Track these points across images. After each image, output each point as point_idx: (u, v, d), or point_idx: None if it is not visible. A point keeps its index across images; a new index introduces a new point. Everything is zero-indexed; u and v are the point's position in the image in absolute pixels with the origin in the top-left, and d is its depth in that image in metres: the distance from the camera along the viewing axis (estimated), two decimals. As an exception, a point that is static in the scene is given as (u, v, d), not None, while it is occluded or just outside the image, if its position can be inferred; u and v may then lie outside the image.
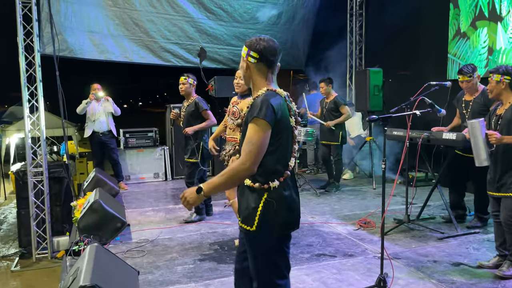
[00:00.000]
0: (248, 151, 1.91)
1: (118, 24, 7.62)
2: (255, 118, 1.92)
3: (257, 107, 1.93)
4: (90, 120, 6.72)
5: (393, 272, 3.29)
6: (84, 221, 4.09)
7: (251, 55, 2.03)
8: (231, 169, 1.94)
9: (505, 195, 3.22)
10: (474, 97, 4.35)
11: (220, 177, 1.95)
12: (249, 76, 2.10)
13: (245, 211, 2.02)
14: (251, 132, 1.93)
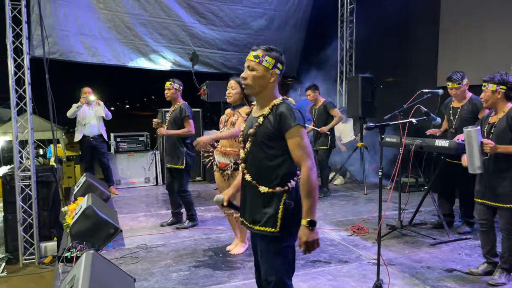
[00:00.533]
0: (307, 155, 2.04)
1: (109, 27, 7.57)
2: (297, 125, 2.02)
3: (291, 116, 2.03)
4: (80, 124, 6.63)
5: (389, 279, 3.31)
6: (77, 227, 4.04)
7: (278, 67, 2.12)
8: (310, 183, 2.01)
9: (503, 206, 3.24)
10: (462, 104, 4.43)
11: (309, 197, 2.02)
12: (265, 85, 2.12)
13: (264, 215, 2.11)
14: (298, 139, 2.03)
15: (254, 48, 2.12)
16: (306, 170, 2.02)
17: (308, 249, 2.04)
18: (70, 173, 7.54)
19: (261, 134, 2.10)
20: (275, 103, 2.10)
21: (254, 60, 2.09)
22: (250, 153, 2.17)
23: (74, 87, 7.13)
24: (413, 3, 7.09)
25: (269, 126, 2.07)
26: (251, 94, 2.19)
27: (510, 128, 3.16)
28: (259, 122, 2.11)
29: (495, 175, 3.24)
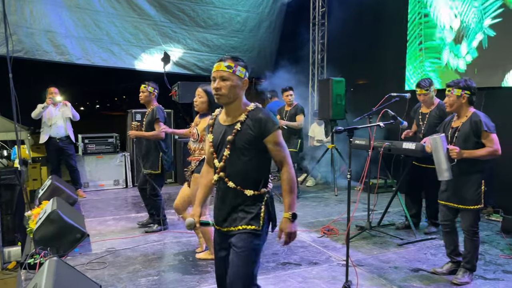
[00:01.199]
0: (287, 156, 2.23)
1: (79, 25, 7.39)
2: (277, 130, 2.17)
3: (269, 120, 2.16)
4: (46, 125, 6.41)
5: (358, 280, 3.37)
6: (41, 232, 3.90)
7: (247, 76, 2.24)
8: (291, 179, 2.22)
9: (465, 207, 3.34)
10: (430, 110, 4.55)
11: (291, 193, 2.23)
12: (238, 93, 2.20)
13: (248, 214, 2.20)
14: (279, 140, 2.19)
15: (223, 59, 2.18)
16: (288, 169, 2.21)
17: (289, 239, 2.23)
18: (36, 175, 7.28)
19: (241, 140, 2.16)
20: (249, 109, 2.20)
21: (227, 70, 2.15)
22: (229, 160, 2.20)
23: (41, 87, 6.90)
24: (383, 7, 7.24)
25: (249, 131, 2.15)
26: (225, 104, 2.21)
27: (474, 133, 3.26)
28: (236, 128, 2.17)
29: (459, 178, 3.34)
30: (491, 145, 3.21)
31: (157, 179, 4.74)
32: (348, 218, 3.20)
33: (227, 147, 2.19)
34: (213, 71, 2.19)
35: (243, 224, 2.20)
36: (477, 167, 3.29)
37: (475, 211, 3.31)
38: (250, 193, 2.19)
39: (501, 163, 5.12)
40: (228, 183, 2.21)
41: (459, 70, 5.87)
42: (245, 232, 2.19)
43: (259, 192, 2.22)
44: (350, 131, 3.14)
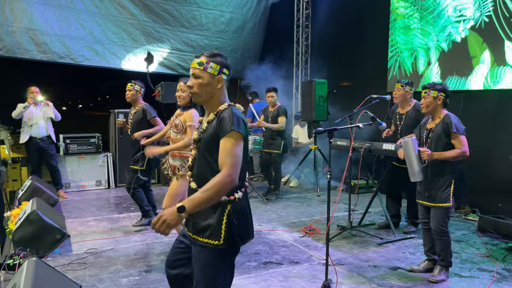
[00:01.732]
0: (231, 163, 1.91)
1: (62, 23, 7.31)
2: (233, 131, 1.94)
3: (230, 120, 1.96)
4: (27, 125, 6.31)
5: (337, 278, 3.42)
6: (20, 233, 3.86)
7: (224, 72, 2.07)
8: (216, 184, 1.88)
9: (434, 205, 3.46)
10: (407, 111, 4.67)
11: (204, 192, 1.88)
12: (211, 91, 2.06)
13: (208, 226, 2.00)
14: (229, 144, 1.94)
15: (198, 55, 2.07)
16: (220, 175, 1.90)
17: (156, 224, 1.85)
18: (16, 176, 7.17)
19: (204, 140, 2.05)
20: (220, 109, 2.05)
21: (198, 67, 2.03)
22: (196, 160, 2.10)
23: (21, 86, 6.79)
24: (366, 9, 7.35)
25: (211, 131, 2.02)
26: (199, 102, 2.12)
27: (445, 133, 3.39)
28: (203, 128, 2.07)
29: (431, 178, 3.47)
30: (460, 147, 3.34)
31: (137, 173, 4.73)
32: (328, 217, 3.25)
33: (194, 147, 2.12)
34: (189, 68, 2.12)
35: (204, 238, 2.00)
36: (448, 168, 3.41)
37: (444, 209, 3.42)
38: None
39: (477, 164, 5.28)
40: (191, 183, 2.11)
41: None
42: (206, 247, 2.01)
43: (219, 200, 1.96)
44: (330, 132, 3.20)
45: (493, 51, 5.20)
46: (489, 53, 5.25)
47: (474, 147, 3.61)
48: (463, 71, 5.62)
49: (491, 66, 5.24)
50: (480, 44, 5.36)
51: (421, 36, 6.27)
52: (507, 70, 5.06)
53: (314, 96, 6.78)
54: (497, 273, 3.66)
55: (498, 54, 5.14)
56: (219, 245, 1.98)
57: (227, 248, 2.00)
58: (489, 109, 5.40)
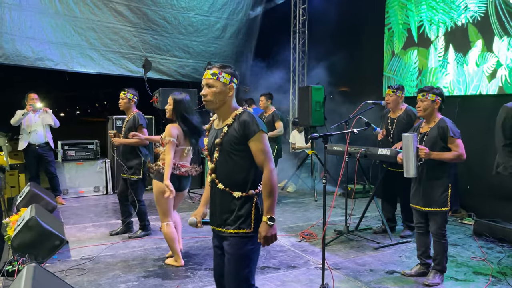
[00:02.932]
0: (269, 159, 2.24)
1: (58, 31, 7.37)
2: (260, 132, 2.22)
3: (253, 123, 2.23)
4: (25, 131, 6.34)
5: (333, 282, 3.46)
6: (19, 239, 3.88)
7: (234, 81, 2.32)
8: (270, 182, 2.21)
9: (433, 210, 3.48)
10: (398, 115, 4.72)
11: (270, 196, 2.22)
12: (223, 98, 2.28)
13: (239, 218, 2.26)
14: (261, 143, 2.23)
15: (209, 67, 2.30)
16: (268, 172, 2.22)
17: (267, 242, 2.23)
18: (14, 183, 7.19)
19: (228, 142, 2.25)
20: (237, 113, 2.28)
21: (212, 77, 2.26)
22: (219, 162, 2.30)
23: (19, 93, 6.83)
24: (363, 16, 7.43)
25: (234, 134, 2.23)
26: (213, 109, 2.32)
27: (440, 137, 3.42)
28: (224, 131, 2.27)
29: (427, 182, 3.49)
30: (457, 150, 3.37)
31: (138, 184, 4.76)
32: (324, 222, 3.29)
33: (216, 150, 2.29)
34: (202, 78, 2.32)
35: (234, 228, 2.26)
36: (444, 172, 3.44)
37: (442, 213, 3.45)
38: (238, 194, 2.25)
39: (473, 168, 5.34)
40: (218, 184, 2.30)
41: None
42: (237, 237, 2.26)
43: (247, 194, 2.26)
44: (325, 138, 3.24)
45: (484, 40, 5.40)
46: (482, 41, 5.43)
47: (469, 152, 3.65)
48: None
49: (481, 51, 5.43)
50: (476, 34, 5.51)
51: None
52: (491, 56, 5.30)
53: (311, 102, 6.84)
54: (492, 277, 3.69)
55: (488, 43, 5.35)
56: (250, 233, 2.26)
57: (255, 235, 2.27)
58: (484, 113, 5.46)
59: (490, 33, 5.32)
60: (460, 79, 5.72)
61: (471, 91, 5.58)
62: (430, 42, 6.15)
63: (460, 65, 5.72)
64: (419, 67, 6.36)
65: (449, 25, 5.85)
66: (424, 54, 6.26)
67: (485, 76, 5.39)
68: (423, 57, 6.27)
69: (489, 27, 5.32)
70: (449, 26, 5.86)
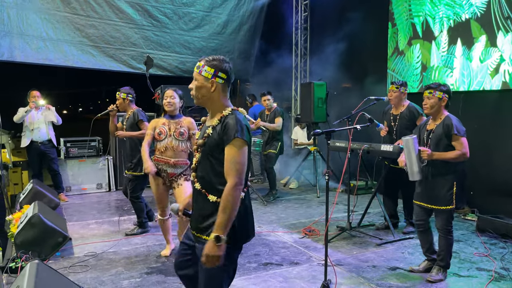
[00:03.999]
0: (235, 171, 2.00)
1: (58, 28, 7.36)
2: (236, 139, 2.00)
3: (233, 128, 2.01)
4: (28, 129, 6.35)
5: (336, 278, 3.45)
6: (22, 236, 3.89)
7: (219, 76, 2.11)
8: (228, 196, 1.97)
9: (438, 208, 3.47)
10: (401, 112, 4.69)
11: (223, 212, 1.97)
12: (206, 94, 2.12)
13: (210, 224, 2.06)
14: (233, 152, 2.01)
15: (200, 59, 2.16)
16: (229, 186, 1.99)
17: (207, 262, 1.99)
18: (17, 180, 7.21)
19: (209, 144, 2.11)
20: (224, 114, 2.10)
21: (196, 70, 2.13)
22: (200, 162, 2.17)
23: (21, 90, 6.84)
24: (366, 10, 7.37)
25: (215, 136, 2.07)
26: (197, 104, 2.19)
27: (446, 135, 3.39)
28: (208, 132, 2.12)
29: (432, 179, 3.47)
30: (460, 148, 3.34)
31: (139, 181, 4.76)
32: (327, 218, 3.28)
33: (198, 150, 2.18)
34: None
35: (207, 235, 2.06)
36: (449, 169, 3.41)
37: (448, 211, 3.44)
38: (213, 199, 2.08)
39: (476, 164, 5.31)
40: (195, 184, 2.18)
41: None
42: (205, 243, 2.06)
43: (220, 200, 2.04)
44: (328, 134, 3.23)
45: (488, 35, 5.38)
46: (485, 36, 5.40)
47: (473, 148, 3.62)
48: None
49: (485, 46, 5.40)
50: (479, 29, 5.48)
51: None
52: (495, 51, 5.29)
53: (313, 98, 6.82)
54: (495, 272, 3.68)
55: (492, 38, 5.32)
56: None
57: (230, 245, 2.04)
58: (488, 109, 5.44)
59: (493, 28, 5.28)
60: (465, 74, 5.68)
61: (474, 87, 5.55)
62: (434, 37, 6.11)
63: (464, 61, 5.69)
64: (423, 63, 6.32)
65: (453, 20, 5.81)
66: (428, 50, 6.22)
67: (489, 71, 5.35)
68: (427, 53, 6.23)
69: (493, 22, 5.28)
70: (453, 21, 5.82)
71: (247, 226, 2.17)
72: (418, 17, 6.37)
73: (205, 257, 1.98)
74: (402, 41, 6.69)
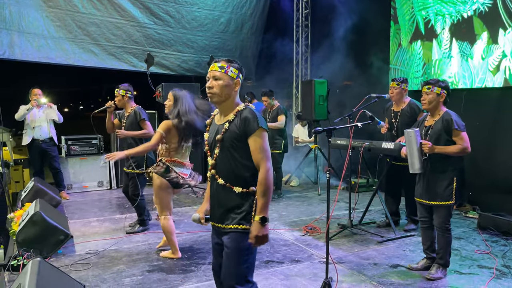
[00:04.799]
0: (266, 158, 2.20)
1: (59, 26, 7.36)
2: (260, 129, 2.19)
3: (254, 119, 2.20)
4: (29, 127, 6.36)
5: (337, 276, 3.45)
6: (24, 234, 3.90)
7: (240, 77, 2.31)
8: (265, 182, 2.17)
9: (437, 203, 3.47)
10: (402, 108, 4.69)
11: (264, 196, 2.17)
12: (229, 92, 2.26)
13: (239, 214, 2.24)
14: (260, 141, 2.20)
15: (217, 60, 2.27)
16: (264, 171, 2.18)
17: (257, 242, 2.18)
18: (18, 178, 7.22)
19: (228, 138, 2.23)
20: (239, 109, 2.26)
21: (219, 70, 2.24)
22: (219, 158, 2.28)
23: (22, 88, 6.84)
24: (367, 7, 7.35)
25: (235, 130, 2.21)
26: (217, 103, 2.29)
27: (445, 130, 3.39)
28: (225, 127, 2.25)
29: (432, 175, 3.46)
30: (462, 143, 3.34)
31: (140, 179, 4.76)
32: (328, 216, 3.28)
33: (217, 146, 2.27)
34: (208, 71, 2.29)
35: (234, 224, 2.24)
36: (449, 165, 3.41)
37: (447, 207, 3.43)
38: (239, 190, 2.23)
39: (478, 162, 5.31)
40: (218, 180, 2.28)
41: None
42: (236, 232, 2.24)
43: (248, 190, 2.24)
44: (329, 132, 3.22)
45: (490, 33, 5.36)
46: (487, 33, 5.38)
47: (474, 145, 3.61)
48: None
49: (487, 44, 5.39)
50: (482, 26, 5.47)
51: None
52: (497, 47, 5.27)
53: (314, 96, 6.81)
54: (497, 270, 3.68)
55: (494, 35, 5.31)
56: (249, 229, 2.22)
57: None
58: (489, 106, 5.43)
59: (496, 26, 5.26)
60: (466, 71, 5.67)
61: (477, 84, 5.53)
62: (436, 35, 6.09)
63: (465, 58, 5.67)
64: (424, 60, 6.31)
65: (455, 17, 5.79)
66: (429, 47, 6.21)
67: (491, 68, 5.34)
68: (428, 50, 6.22)
69: (495, 19, 5.26)
70: (455, 18, 5.80)
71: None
72: (420, 15, 6.35)
73: (254, 238, 2.16)
74: (404, 38, 6.67)
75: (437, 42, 6.07)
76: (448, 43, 5.91)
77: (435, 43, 6.11)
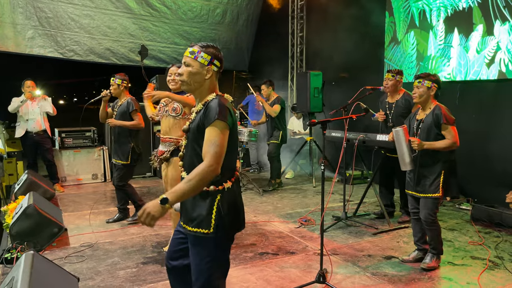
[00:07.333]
0: (213, 153, 1.91)
1: (51, 18, 7.28)
2: (217, 121, 1.94)
3: (215, 110, 1.96)
4: (23, 119, 6.31)
5: (332, 267, 3.47)
6: (17, 227, 3.88)
7: (215, 64, 2.07)
8: (198, 173, 1.88)
9: (424, 196, 3.49)
10: (396, 100, 4.70)
11: (186, 183, 1.88)
12: (200, 80, 2.06)
13: (198, 216, 2.02)
14: (213, 134, 1.94)
15: (192, 44, 2.09)
16: (203, 165, 1.90)
17: (140, 217, 1.88)
18: (12, 170, 7.17)
19: (192, 130, 2.06)
20: (208, 99, 2.05)
21: (189, 56, 2.05)
22: (186, 149, 2.12)
23: (15, 80, 6.77)
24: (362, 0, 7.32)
25: (198, 121, 2.02)
26: (187, 91, 2.13)
27: (435, 124, 3.41)
28: (191, 118, 2.09)
29: (421, 169, 3.50)
30: (450, 137, 3.37)
31: (125, 169, 4.75)
32: (322, 208, 3.29)
33: (184, 137, 2.14)
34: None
35: (193, 226, 2.02)
36: (438, 158, 3.43)
37: (433, 199, 3.45)
38: None
39: (471, 153, 5.33)
40: (182, 173, 2.11)
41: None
42: (196, 236, 2.03)
43: (207, 189, 1.99)
44: (324, 124, 3.22)
45: (486, 24, 5.36)
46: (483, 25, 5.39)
47: (469, 137, 3.62)
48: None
49: (482, 36, 5.39)
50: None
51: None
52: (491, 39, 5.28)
53: (309, 88, 6.80)
54: (490, 261, 3.71)
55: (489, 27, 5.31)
56: (209, 234, 2.01)
57: (218, 236, 2.02)
58: (485, 99, 5.44)
59: (491, 17, 5.25)
60: (461, 64, 5.67)
61: (471, 76, 5.54)
62: (431, 27, 6.08)
63: (460, 50, 5.67)
64: (419, 52, 6.30)
65: (451, 9, 5.78)
66: (425, 40, 6.20)
67: (486, 61, 5.34)
68: (424, 43, 6.21)
69: (491, 11, 5.25)
70: (450, 10, 5.78)
71: (235, 217, 2.09)
72: (415, 6, 6.33)
73: (143, 211, 1.87)
74: (399, 30, 6.66)
75: (433, 33, 6.06)
76: (443, 35, 5.91)
77: (431, 35, 6.10)
